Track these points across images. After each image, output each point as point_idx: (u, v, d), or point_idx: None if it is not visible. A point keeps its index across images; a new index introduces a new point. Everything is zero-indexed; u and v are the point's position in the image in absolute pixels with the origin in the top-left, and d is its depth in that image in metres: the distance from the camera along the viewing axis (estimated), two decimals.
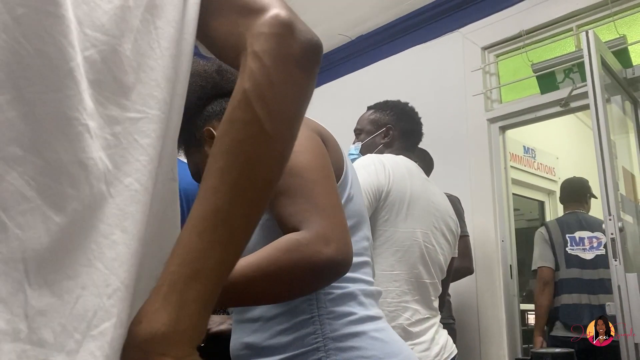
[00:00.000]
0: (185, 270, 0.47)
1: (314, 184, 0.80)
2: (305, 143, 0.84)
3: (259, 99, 0.50)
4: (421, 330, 1.44)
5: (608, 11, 2.65)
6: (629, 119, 2.50)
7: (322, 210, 0.77)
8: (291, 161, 0.79)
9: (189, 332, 0.47)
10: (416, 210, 1.51)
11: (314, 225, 0.75)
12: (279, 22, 0.52)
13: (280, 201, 0.79)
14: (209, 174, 0.50)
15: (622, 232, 1.82)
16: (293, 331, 0.83)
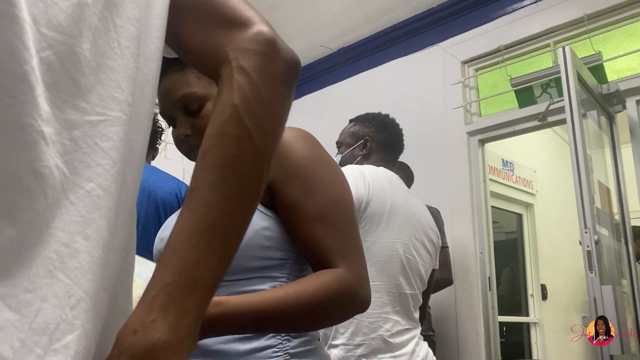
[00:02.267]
0: (183, 280, 0.48)
1: (352, 221, 0.86)
2: (343, 177, 0.90)
3: (250, 115, 0.52)
4: (402, 341, 1.44)
5: (584, 28, 2.71)
6: (604, 133, 2.55)
7: (358, 250, 0.83)
8: (335, 191, 0.86)
9: (187, 341, 0.48)
10: (396, 221, 1.51)
11: (354, 266, 0.80)
12: (264, 40, 0.54)
13: (322, 229, 0.82)
14: (200, 186, 0.51)
15: (597, 245, 1.84)
16: (252, 341, 0.82)
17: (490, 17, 3.12)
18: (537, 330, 4.20)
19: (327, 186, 0.85)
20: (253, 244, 0.84)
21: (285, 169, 0.86)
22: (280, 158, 0.86)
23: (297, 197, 0.84)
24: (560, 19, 2.82)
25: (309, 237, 0.83)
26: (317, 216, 0.82)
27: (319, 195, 0.84)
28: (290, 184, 0.85)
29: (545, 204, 4.45)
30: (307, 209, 0.83)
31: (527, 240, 4.39)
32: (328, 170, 0.88)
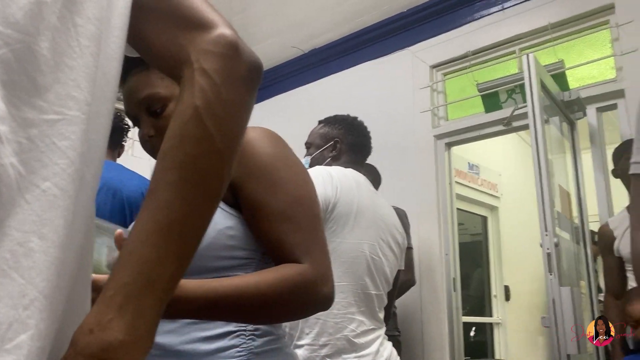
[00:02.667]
0: (141, 280, 0.49)
1: (316, 219, 0.87)
2: (306, 175, 0.91)
3: (211, 116, 0.52)
4: (366, 342, 1.46)
5: (549, 36, 2.79)
6: (566, 139, 2.63)
7: (322, 248, 0.84)
8: (299, 189, 0.87)
9: (145, 340, 0.49)
10: (363, 222, 1.53)
11: (317, 262, 0.81)
12: (226, 42, 0.55)
13: (285, 226, 0.83)
14: (160, 187, 0.51)
15: (557, 247, 1.90)
16: (215, 341, 0.82)
17: (458, 23, 3.18)
18: (500, 331, 4.30)
19: (290, 184, 0.86)
20: (217, 243, 0.84)
21: (249, 168, 0.86)
22: (244, 157, 0.86)
23: (260, 196, 0.84)
24: (525, 26, 2.90)
25: (273, 234, 0.83)
26: (280, 214, 0.83)
27: (282, 193, 0.85)
28: (253, 182, 0.85)
29: (510, 207, 4.56)
30: (270, 207, 0.84)
31: (491, 242, 4.48)
32: (291, 169, 0.89)
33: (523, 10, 2.92)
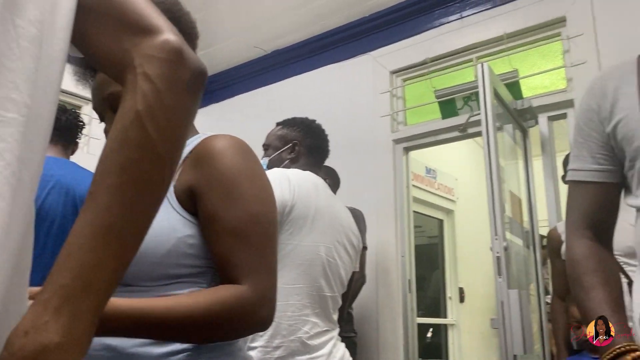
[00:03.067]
0: (78, 283, 0.48)
1: (269, 239, 0.86)
2: (269, 192, 0.90)
3: (152, 121, 0.52)
4: (320, 343, 1.47)
5: (504, 46, 2.88)
6: (518, 146, 2.72)
7: (269, 268, 0.83)
8: (255, 207, 0.85)
9: (81, 343, 0.49)
10: (320, 224, 1.54)
11: (259, 284, 0.80)
12: (170, 48, 0.55)
13: (233, 243, 0.82)
14: (99, 190, 0.52)
15: (506, 251, 1.97)
16: (167, 344, 0.82)
17: (418, 30, 3.24)
18: (454, 332, 4.40)
19: (248, 200, 0.85)
20: (177, 251, 0.84)
21: (210, 178, 0.85)
22: (207, 166, 0.86)
23: (216, 209, 0.84)
24: (482, 35, 2.98)
25: (222, 250, 0.83)
26: (232, 230, 0.82)
27: (238, 208, 0.84)
28: (212, 194, 0.85)
29: (465, 211, 4.67)
30: (222, 222, 0.83)
31: (447, 244, 4.59)
32: (253, 184, 0.88)
33: (480, 20, 3.00)
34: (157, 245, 0.82)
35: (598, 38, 2.58)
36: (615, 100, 1.00)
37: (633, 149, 0.95)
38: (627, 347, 0.88)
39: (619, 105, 0.99)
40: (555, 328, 2.48)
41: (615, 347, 0.90)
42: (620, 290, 0.99)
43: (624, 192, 1.05)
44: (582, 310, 1.00)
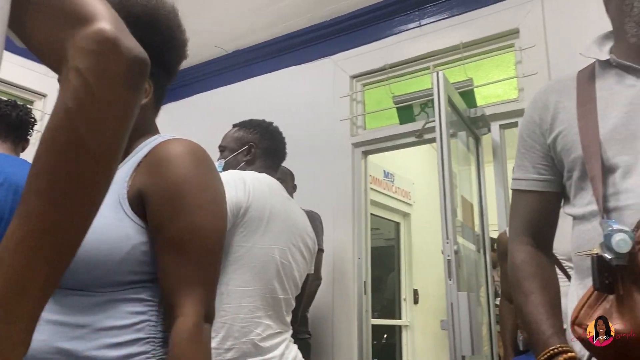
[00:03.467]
0: (13, 289, 0.47)
1: (211, 254, 0.86)
2: (218, 203, 0.88)
3: (83, 119, 0.49)
4: (272, 345, 1.48)
5: (460, 55, 2.96)
6: (471, 153, 2.80)
7: (210, 282, 0.84)
8: (202, 219, 0.84)
9: (18, 347, 0.47)
10: (275, 227, 1.55)
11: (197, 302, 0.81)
12: (102, 38, 0.51)
13: (173, 256, 0.82)
14: (31, 194, 0.49)
15: (457, 255, 2.03)
16: (124, 347, 0.82)
17: (378, 36, 3.30)
18: (408, 333, 4.48)
19: (194, 212, 0.84)
20: (131, 258, 0.83)
21: (158, 185, 0.84)
22: (158, 173, 0.85)
23: (161, 218, 0.83)
24: (439, 44, 3.06)
25: (161, 261, 0.83)
26: (173, 242, 0.82)
27: (181, 220, 0.83)
28: (159, 203, 0.84)
29: (421, 214, 4.77)
30: (166, 233, 0.83)
31: (403, 247, 4.67)
32: (202, 195, 0.86)
33: (438, 29, 3.08)
34: (111, 253, 0.82)
35: (549, 50, 2.69)
36: (556, 113, 1.05)
37: (571, 160, 1.00)
38: (560, 349, 0.93)
39: (559, 118, 1.04)
40: (503, 329, 2.57)
41: (548, 349, 0.94)
42: (557, 294, 1.04)
43: (563, 201, 1.10)
44: (521, 313, 1.04)
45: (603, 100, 0.98)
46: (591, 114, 0.98)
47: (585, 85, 1.03)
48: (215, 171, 0.93)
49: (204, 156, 0.91)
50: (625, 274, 0.80)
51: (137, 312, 0.84)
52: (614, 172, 0.93)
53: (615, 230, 0.79)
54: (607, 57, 1.01)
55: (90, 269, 0.82)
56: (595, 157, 0.94)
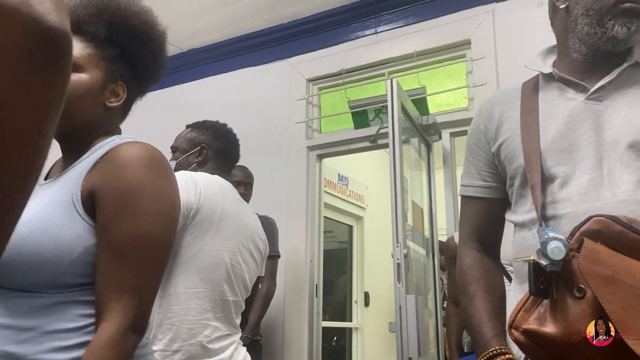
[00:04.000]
0: None
1: (152, 261, 0.84)
2: (166, 212, 0.87)
3: None
4: (220, 347, 1.47)
5: (414, 63, 3.02)
6: (422, 159, 2.87)
7: (147, 290, 0.83)
8: (147, 226, 0.83)
9: None
10: (225, 229, 1.54)
11: (128, 310, 0.80)
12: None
13: (114, 261, 0.81)
14: None
15: (406, 258, 2.07)
16: (72, 350, 0.80)
17: (335, 41, 3.33)
18: (358, 335, 4.52)
19: (139, 218, 0.83)
20: (82, 260, 0.82)
21: (111, 187, 0.84)
22: (111, 175, 0.84)
23: (106, 222, 0.83)
24: (394, 52, 3.11)
25: (101, 264, 0.82)
26: (115, 247, 0.81)
27: (126, 225, 0.82)
28: (107, 207, 0.83)
29: (373, 218, 4.83)
30: (109, 236, 0.82)
31: (355, 250, 4.72)
32: (153, 203, 0.85)
33: (394, 37, 3.14)
34: (62, 255, 0.81)
35: (498, 62, 2.79)
36: (500, 122, 1.09)
37: (513, 168, 1.04)
38: (499, 351, 0.97)
39: (503, 128, 1.08)
40: (449, 331, 2.63)
41: (488, 350, 0.98)
42: (502, 298, 1.08)
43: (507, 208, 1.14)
44: (465, 316, 1.08)
45: (545, 112, 1.03)
46: (533, 125, 1.02)
47: (529, 97, 1.08)
48: (173, 179, 0.92)
49: (162, 162, 0.90)
50: (559, 280, 0.84)
51: (86, 315, 0.83)
52: (553, 182, 0.97)
53: (551, 238, 0.83)
54: (550, 70, 1.06)
55: (39, 270, 0.80)
56: (535, 167, 0.98)
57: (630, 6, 0.96)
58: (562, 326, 0.81)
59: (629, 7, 0.96)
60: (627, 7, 0.96)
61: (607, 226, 0.83)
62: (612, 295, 0.78)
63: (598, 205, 0.90)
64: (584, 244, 0.82)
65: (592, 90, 0.99)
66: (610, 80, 0.98)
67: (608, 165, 0.93)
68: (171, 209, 0.89)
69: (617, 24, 0.97)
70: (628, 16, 0.96)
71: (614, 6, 0.97)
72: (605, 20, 0.98)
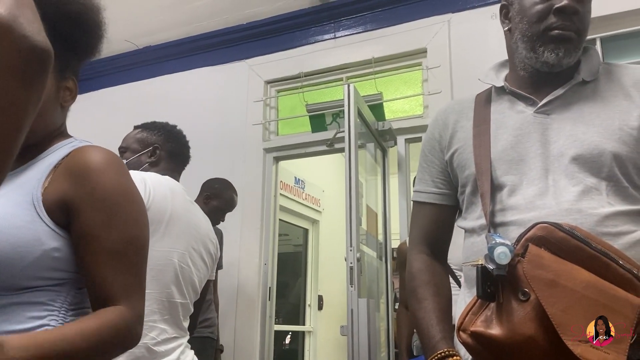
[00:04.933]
0: None
1: (143, 260, 0.89)
2: (143, 212, 0.92)
3: None
4: (167, 350, 1.44)
5: (371, 69, 3.06)
6: (378, 165, 2.90)
7: (142, 288, 0.88)
8: (135, 228, 0.87)
9: None
10: (175, 230, 1.52)
11: (136, 305, 0.85)
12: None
13: (113, 265, 0.84)
14: None
15: (359, 262, 2.08)
16: None
17: (294, 44, 3.33)
18: (311, 338, 4.53)
19: (128, 222, 0.87)
20: (40, 263, 0.81)
21: (91, 196, 0.85)
22: (87, 183, 0.85)
23: (95, 228, 0.84)
24: (352, 57, 3.14)
25: (99, 270, 0.83)
26: (111, 251, 0.84)
27: (119, 230, 0.86)
28: (93, 213, 0.84)
29: (329, 222, 4.85)
30: (102, 242, 0.84)
31: (310, 253, 4.72)
32: (132, 205, 0.89)
33: (352, 42, 3.17)
34: (19, 257, 0.80)
35: (453, 71, 2.85)
36: (454, 131, 1.13)
37: (464, 176, 1.08)
38: (447, 352, 0.99)
39: (456, 137, 1.12)
40: (400, 335, 2.67)
41: (437, 352, 1.00)
42: (449, 301, 1.10)
43: (458, 214, 1.17)
44: (414, 318, 1.10)
45: (496, 123, 1.06)
46: (485, 135, 1.06)
47: (482, 108, 1.11)
48: (132, 179, 0.94)
49: (123, 165, 0.93)
50: (505, 284, 0.86)
51: (36, 317, 0.81)
52: (502, 190, 1.00)
53: (498, 244, 0.86)
54: (502, 84, 1.10)
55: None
56: (485, 175, 1.02)
57: (557, 33, 1.01)
58: (508, 328, 0.84)
59: (556, 34, 1.01)
60: (554, 34, 1.01)
61: (551, 233, 0.87)
62: (553, 299, 0.81)
63: (543, 214, 0.93)
64: (528, 250, 0.85)
65: (540, 104, 1.03)
66: (557, 96, 1.03)
67: (553, 177, 0.97)
68: (144, 209, 0.94)
69: (547, 50, 1.02)
70: (556, 43, 1.01)
71: (543, 33, 1.02)
72: (537, 46, 1.03)
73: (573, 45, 1.01)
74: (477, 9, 2.84)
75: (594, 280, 0.83)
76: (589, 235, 0.88)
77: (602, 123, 0.98)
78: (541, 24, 1.02)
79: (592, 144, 0.96)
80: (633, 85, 1.01)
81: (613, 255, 0.86)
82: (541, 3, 1.02)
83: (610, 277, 0.84)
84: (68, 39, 0.95)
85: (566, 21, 1.00)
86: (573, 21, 1.01)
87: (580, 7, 1.01)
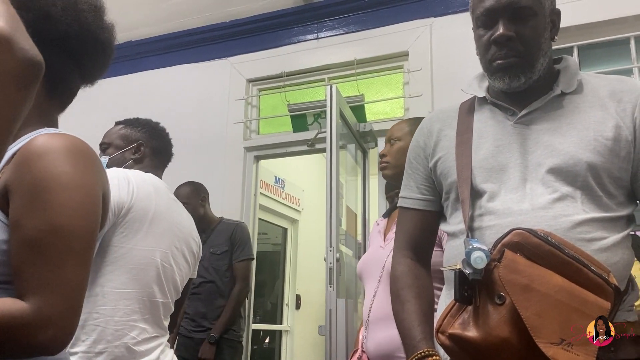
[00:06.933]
0: None
1: (70, 255, 0.77)
2: (85, 204, 0.81)
3: None
4: (147, 349, 1.44)
5: (353, 71, 3.08)
6: (358, 166, 2.92)
7: (64, 288, 0.76)
8: (63, 218, 0.77)
9: None
10: (158, 228, 1.51)
11: (44, 307, 0.73)
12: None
13: (28, 255, 0.75)
14: None
15: (338, 262, 2.10)
16: None
17: (277, 43, 3.33)
18: (288, 338, 4.54)
19: (54, 210, 0.77)
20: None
21: (21, 181, 0.78)
22: (23, 167, 0.79)
23: (19, 215, 0.77)
24: (335, 58, 3.16)
25: (15, 260, 0.76)
26: (29, 240, 0.75)
27: (40, 218, 0.76)
28: (19, 198, 0.77)
29: (308, 221, 4.87)
30: (23, 230, 0.76)
31: (289, 252, 4.73)
32: (67, 193, 0.79)
33: (335, 43, 3.18)
34: None
35: (434, 74, 2.89)
36: (438, 139, 1.16)
37: (448, 183, 1.11)
38: (427, 352, 1.01)
39: (440, 145, 1.15)
40: None
41: (417, 352, 1.02)
42: (431, 303, 1.13)
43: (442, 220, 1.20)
44: (397, 320, 1.12)
45: (478, 132, 1.10)
46: (467, 143, 1.09)
47: (465, 117, 1.14)
48: (97, 171, 0.86)
49: (85, 153, 0.85)
50: (481, 288, 0.89)
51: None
52: (481, 197, 1.04)
53: (475, 249, 0.88)
54: (484, 94, 1.13)
55: None
56: (466, 182, 1.05)
57: (497, 64, 1.06)
58: (484, 331, 0.86)
59: (496, 65, 1.06)
60: (495, 65, 1.06)
61: (526, 239, 0.90)
62: (527, 303, 0.84)
63: (519, 219, 0.96)
64: (504, 255, 0.88)
65: (520, 115, 1.07)
66: (537, 107, 1.06)
67: (531, 185, 1.00)
68: (91, 200, 0.83)
69: (496, 79, 1.07)
70: (500, 72, 1.06)
71: (489, 64, 1.08)
72: (489, 75, 1.09)
73: (519, 68, 1.05)
74: (459, 14, 2.87)
75: (566, 285, 0.86)
76: (562, 241, 0.91)
77: (578, 134, 1.01)
78: (486, 56, 1.08)
79: (568, 154, 0.99)
80: (609, 96, 1.05)
81: (585, 261, 0.89)
82: (484, 35, 1.08)
83: (582, 282, 0.87)
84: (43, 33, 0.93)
85: (503, 50, 1.05)
86: (510, 47, 1.04)
87: (520, 27, 1.04)
